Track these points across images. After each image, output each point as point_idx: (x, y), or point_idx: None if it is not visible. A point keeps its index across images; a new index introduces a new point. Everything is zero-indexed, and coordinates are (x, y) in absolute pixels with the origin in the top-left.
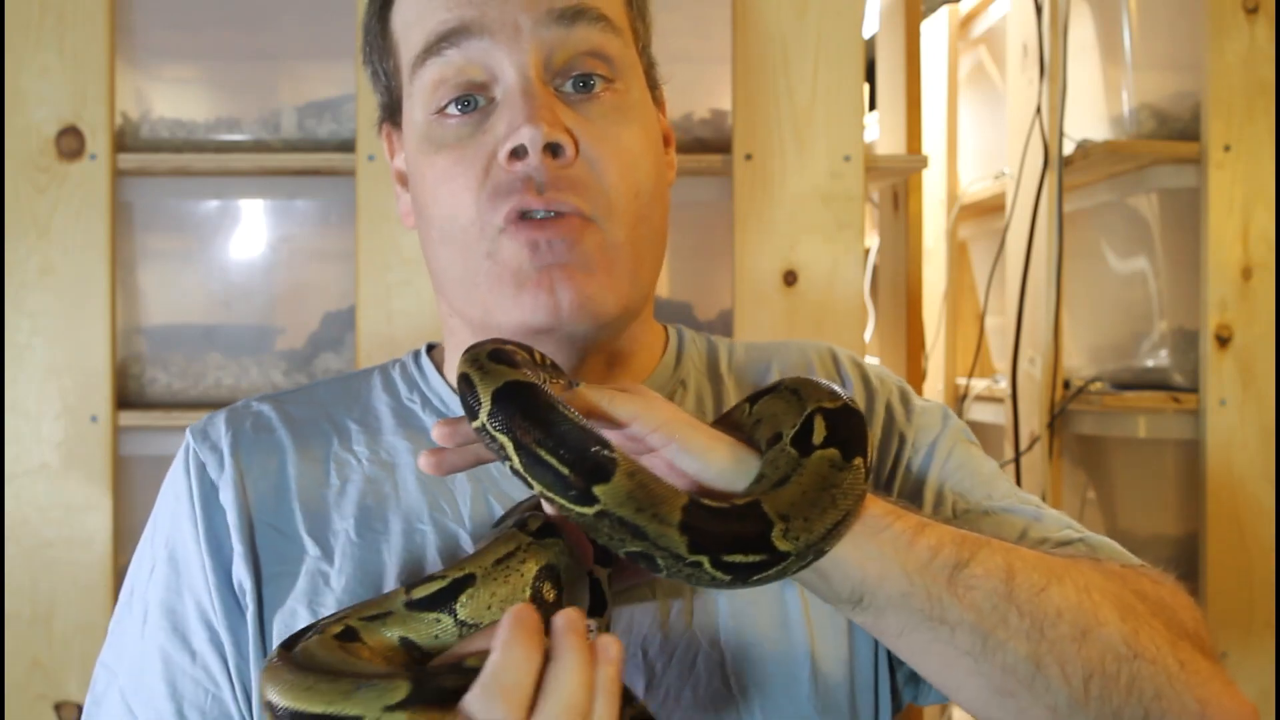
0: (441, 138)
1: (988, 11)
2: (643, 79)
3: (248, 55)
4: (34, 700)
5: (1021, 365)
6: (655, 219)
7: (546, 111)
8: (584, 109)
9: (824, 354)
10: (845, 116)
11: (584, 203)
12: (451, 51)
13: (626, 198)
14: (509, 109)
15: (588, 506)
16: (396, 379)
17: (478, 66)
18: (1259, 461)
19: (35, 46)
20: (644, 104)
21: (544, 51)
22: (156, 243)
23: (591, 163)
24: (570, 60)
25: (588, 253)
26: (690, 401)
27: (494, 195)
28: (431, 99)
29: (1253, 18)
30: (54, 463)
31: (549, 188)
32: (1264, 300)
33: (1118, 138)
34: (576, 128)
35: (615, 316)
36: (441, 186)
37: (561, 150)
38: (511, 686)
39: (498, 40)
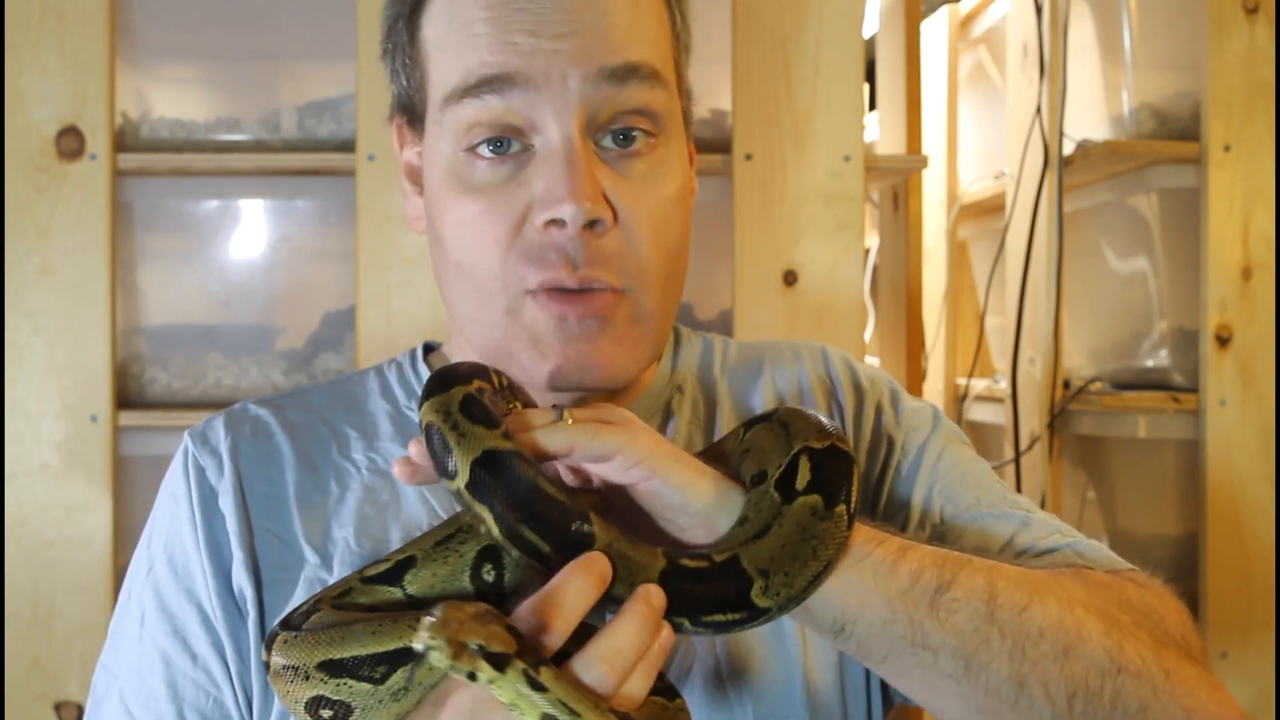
0: (471, 179)
1: (988, 11)
2: (681, 121)
3: (248, 55)
4: (34, 700)
5: (1021, 365)
6: (680, 270)
7: (588, 185)
8: (623, 167)
9: (815, 354)
10: (845, 116)
11: (616, 276)
12: (492, 98)
13: (659, 263)
14: (549, 171)
15: None
16: (393, 383)
17: (517, 114)
18: (1259, 461)
19: (35, 46)
20: (680, 152)
21: (590, 109)
22: (156, 243)
23: (627, 231)
24: (615, 116)
25: (619, 327)
26: (686, 406)
27: (524, 257)
28: (464, 137)
29: (1253, 18)
30: (54, 463)
31: (584, 264)
32: (1264, 300)
33: (1118, 138)
34: (614, 191)
35: (633, 377)
36: (467, 231)
37: (600, 224)
38: (564, 608)
39: (543, 93)
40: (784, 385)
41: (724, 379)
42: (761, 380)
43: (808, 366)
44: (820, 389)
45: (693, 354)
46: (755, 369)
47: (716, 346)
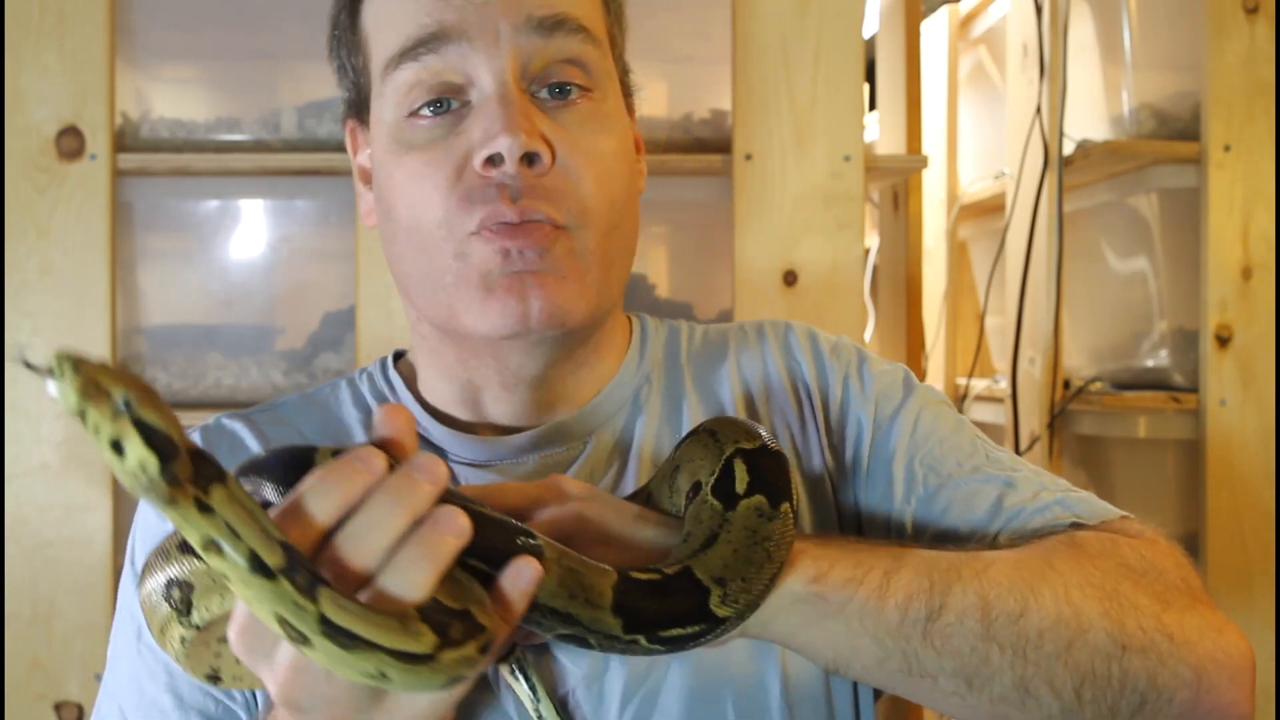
0: (412, 139)
1: (988, 11)
2: (618, 87)
3: (248, 55)
4: (34, 700)
5: (1021, 365)
6: (627, 227)
7: (524, 120)
8: (560, 116)
9: (779, 333)
10: (845, 116)
11: (558, 211)
12: (429, 57)
13: (602, 206)
14: (485, 115)
15: None
16: (365, 393)
17: (454, 70)
18: (1259, 461)
19: (35, 46)
20: (619, 113)
21: (522, 58)
22: (156, 243)
23: (567, 171)
24: (547, 68)
25: (559, 260)
26: (655, 399)
27: (465, 199)
28: (404, 101)
29: (1253, 18)
30: (54, 463)
31: (523, 196)
32: (1264, 300)
33: (1118, 138)
34: (553, 135)
35: (582, 323)
36: (410, 185)
37: (538, 159)
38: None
39: (475, 45)
40: (749, 371)
41: (689, 367)
42: (726, 366)
43: (772, 348)
44: (785, 372)
45: (659, 343)
46: (719, 356)
47: (683, 333)
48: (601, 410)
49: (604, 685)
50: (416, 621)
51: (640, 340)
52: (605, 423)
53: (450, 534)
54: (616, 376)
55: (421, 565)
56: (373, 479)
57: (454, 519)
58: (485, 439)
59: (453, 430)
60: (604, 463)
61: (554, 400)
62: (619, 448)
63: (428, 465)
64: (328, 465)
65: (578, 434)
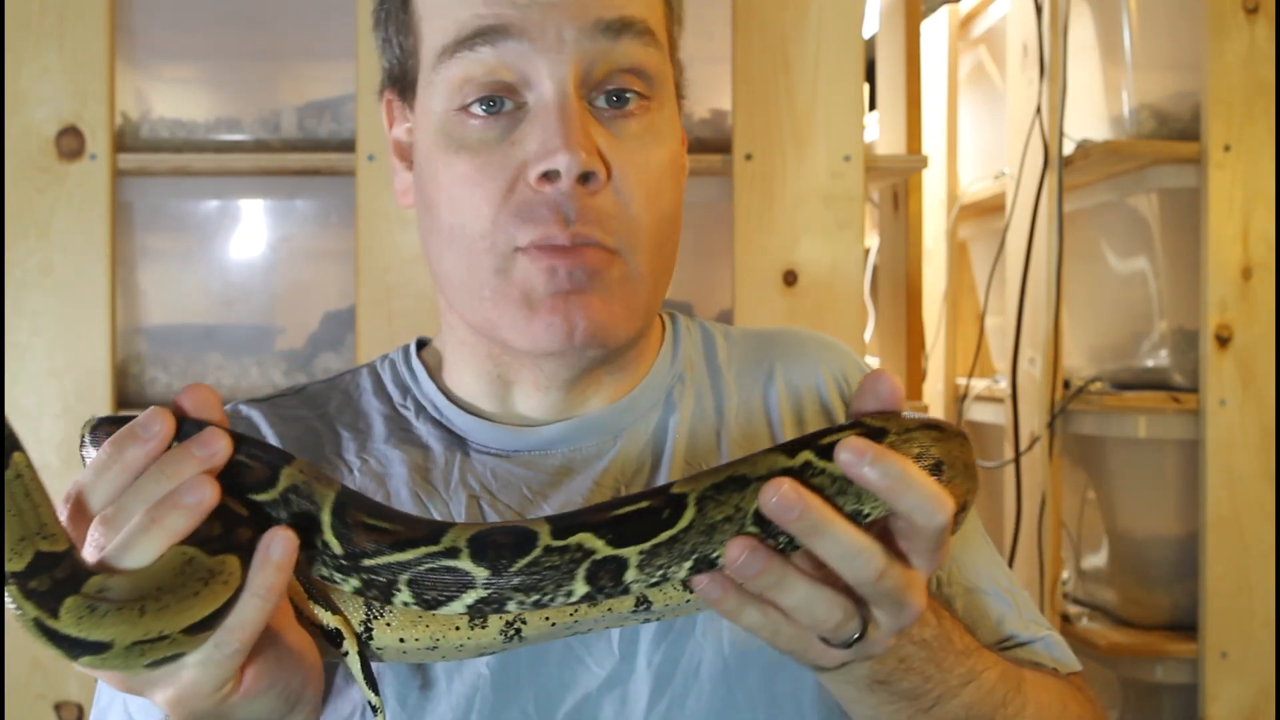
0: (463, 138)
1: (988, 11)
2: (674, 91)
3: (248, 55)
4: (34, 700)
5: (1021, 365)
6: (673, 238)
7: (583, 137)
8: (616, 127)
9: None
10: (845, 116)
11: (609, 235)
12: (486, 50)
13: (652, 226)
14: (543, 125)
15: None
16: (388, 382)
17: (510, 68)
18: (1259, 461)
19: (35, 46)
20: (673, 120)
21: (584, 64)
22: (156, 243)
23: (620, 190)
24: (609, 75)
25: (610, 283)
26: (689, 397)
27: (517, 215)
28: (456, 94)
29: (1253, 18)
30: (54, 463)
31: (578, 220)
32: (1264, 300)
33: (1118, 138)
34: (608, 150)
35: (626, 342)
36: (458, 190)
37: (594, 178)
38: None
39: (536, 46)
40: (800, 388)
41: (731, 372)
42: (775, 384)
43: (824, 373)
44: (838, 400)
45: (693, 342)
46: (766, 367)
47: (717, 335)
48: (634, 408)
49: (627, 690)
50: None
51: (673, 339)
52: (637, 420)
53: (186, 503)
54: (649, 375)
55: (149, 534)
56: (152, 447)
57: (197, 488)
58: (513, 429)
59: (478, 419)
60: (634, 460)
61: (586, 398)
62: (650, 446)
63: (205, 438)
64: (112, 437)
65: (608, 430)
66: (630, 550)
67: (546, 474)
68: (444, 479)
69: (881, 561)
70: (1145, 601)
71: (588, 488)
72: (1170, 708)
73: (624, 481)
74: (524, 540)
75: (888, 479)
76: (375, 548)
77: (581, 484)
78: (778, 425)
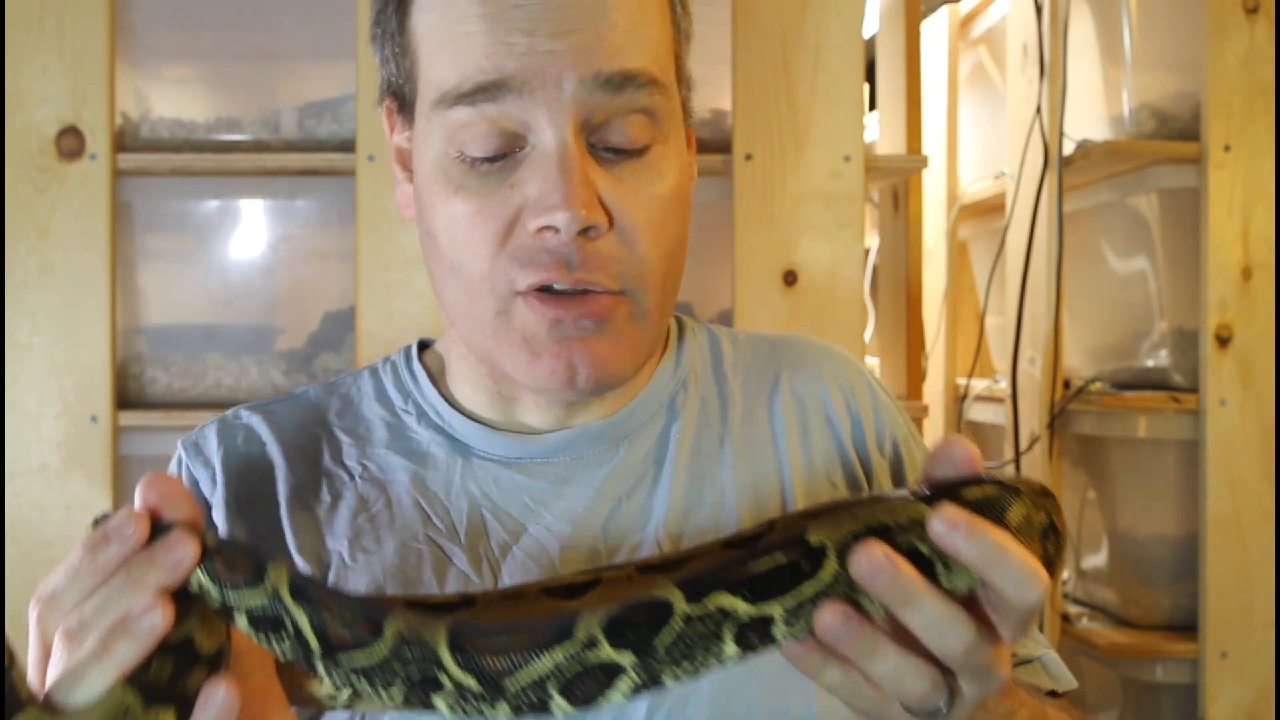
0: (462, 180)
1: (988, 11)
2: (681, 118)
3: (248, 55)
4: None
5: (1021, 365)
6: (680, 264)
7: (583, 191)
8: (618, 169)
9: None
10: (845, 116)
11: (613, 280)
12: (487, 105)
13: (659, 260)
14: (542, 175)
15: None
16: (388, 386)
17: (512, 119)
18: (1259, 461)
19: (35, 46)
20: (678, 148)
21: (584, 113)
22: (156, 243)
23: (623, 233)
24: (610, 120)
25: (616, 325)
26: (693, 404)
27: (514, 260)
28: (455, 139)
29: (1253, 18)
30: (54, 463)
31: (579, 268)
32: (1264, 300)
33: (1118, 138)
34: (610, 194)
35: (627, 378)
36: (457, 231)
37: (595, 230)
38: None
39: (537, 97)
40: (804, 397)
41: (737, 379)
42: (779, 392)
43: (829, 382)
44: (843, 410)
45: (699, 347)
46: (772, 375)
47: (724, 340)
48: (636, 416)
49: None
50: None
51: (679, 344)
52: (640, 428)
53: (137, 629)
54: (652, 382)
55: (98, 665)
56: (125, 550)
57: (149, 613)
58: (516, 437)
59: (482, 426)
60: (636, 468)
61: (588, 406)
62: (653, 454)
63: (173, 541)
64: (85, 539)
65: (611, 438)
66: (774, 607)
67: (548, 482)
68: (445, 485)
69: (971, 634)
70: (1145, 601)
71: (589, 496)
72: (1170, 708)
73: (625, 490)
74: (659, 613)
75: (982, 551)
76: (510, 664)
77: (582, 492)
78: (781, 434)
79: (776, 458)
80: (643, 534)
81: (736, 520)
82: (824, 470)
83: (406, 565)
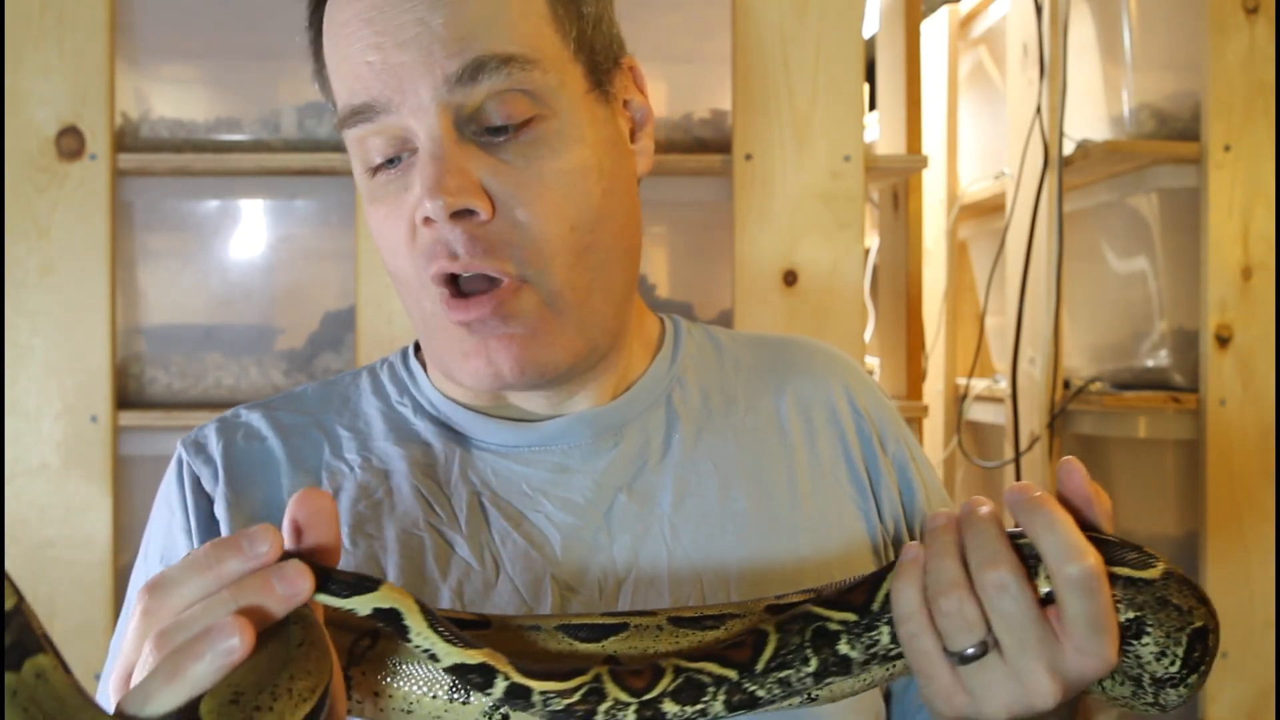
0: (374, 192)
1: (988, 11)
2: (580, 84)
3: (248, 55)
4: None
5: (1021, 365)
6: (605, 241)
7: (450, 178)
8: (504, 151)
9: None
10: (845, 116)
11: (507, 263)
12: (367, 125)
13: (559, 239)
14: (420, 172)
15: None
16: (385, 382)
17: (390, 133)
18: (1259, 461)
19: (35, 46)
20: (579, 119)
21: (452, 110)
22: (156, 243)
23: (512, 217)
24: (483, 106)
25: (527, 315)
26: (692, 401)
27: (421, 254)
28: (360, 155)
29: (1253, 18)
30: (54, 463)
31: (466, 252)
32: (1264, 300)
33: (1118, 138)
34: (495, 177)
35: (568, 366)
36: (383, 239)
37: (475, 213)
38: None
39: (403, 109)
40: (810, 400)
41: (739, 377)
42: (785, 393)
43: (835, 386)
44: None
45: (697, 345)
46: (777, 376)
47: (723, 339)
48: (630, 407)
49: None
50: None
51: (674, 342)
52: (635, 419)
53: (213, 650)
54: (646, 375)
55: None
56: (251, 566)
57: (226, 633)
58: (512, 425)
59: (478, 414)
60: (634, 459)
61: (576, 391)
62: (652, 447)
63: (290, 573)
64: (215, 541)
65: (605, 428)
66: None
67: (546, 471)
68: (445, 475)
69: (1094, 561)
70: None
71: (589, 486)
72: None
73: (626, 481)
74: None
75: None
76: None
77: (582, 482)
78: (787, 431)
79: (783, 454)
80: (646, 525)
81: (745, 515)
82: (830, 468)
83: (409, 551)
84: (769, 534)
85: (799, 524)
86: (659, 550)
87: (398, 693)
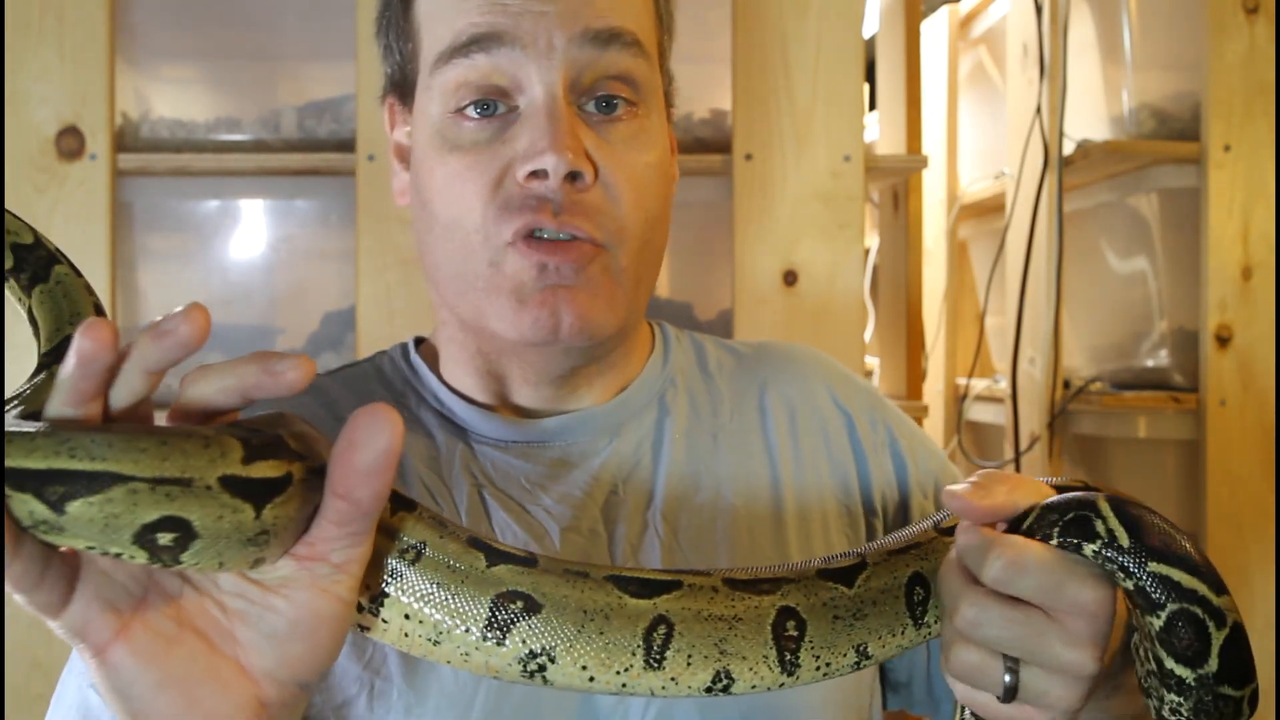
0: (457, 138)
1: (988, 11)
2: (662, 99)
3: (248, 55)
4: (34, 700)
5: (1021, 365)
6: (659, 239)
7: (570, 138)
8: (605, 131)
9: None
10: (845, 116)
11: (597, 230)
12: (480, 56)
13: (638, 224)
14: (532, 127)
15: None
16: (388, 373)
17: (503, 74)
18: (1259, 461)
19: (35, 46)
20: (660, 127)
21: (574, 71)
22: (156, 243)
23: (608, 188)
24: (597, 81)
25: (594, 277)
26: (682, 401)
27: (504, 208)
28: (451, 98)
29: (1253, 18)
30: None
31: (564, 211)
32: (1264, 300)
33: (1118, 138)
34: (596, 151)
35: (611, 335)
36: (451, 188)
37: (581, 177)
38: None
39: (528, 53)
40: (794, 399)
41: (723, 379)
42: (769, 394)
43: (817, 386)
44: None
45: (684, 350)
46: (760, 377)
47: (707, 344)
48: (628, 406)
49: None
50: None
51: (664, 345)
52: (630, 419)
53: (165, 329)
54: (641, 376)
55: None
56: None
57: (183, 317)
58: (511, 420)
59: (480, 409)
60: (630, 457)
61: (577, 392)
62: (647, 445)
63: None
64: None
65: (603, 426)
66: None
67: (544, 466)
68: (447, 467)
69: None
70: None
71: (586, 481)
72: None
73: (621, 478)
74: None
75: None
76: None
77: (580, 477)
78: (771, 431)
79: (768, 453)
80: (641, 520)
81: (732, 509)
82: (812, 465)
83: None
84: (755, 529)
85: (784, 519)
86: (652, 544)
87: (429, 620)
